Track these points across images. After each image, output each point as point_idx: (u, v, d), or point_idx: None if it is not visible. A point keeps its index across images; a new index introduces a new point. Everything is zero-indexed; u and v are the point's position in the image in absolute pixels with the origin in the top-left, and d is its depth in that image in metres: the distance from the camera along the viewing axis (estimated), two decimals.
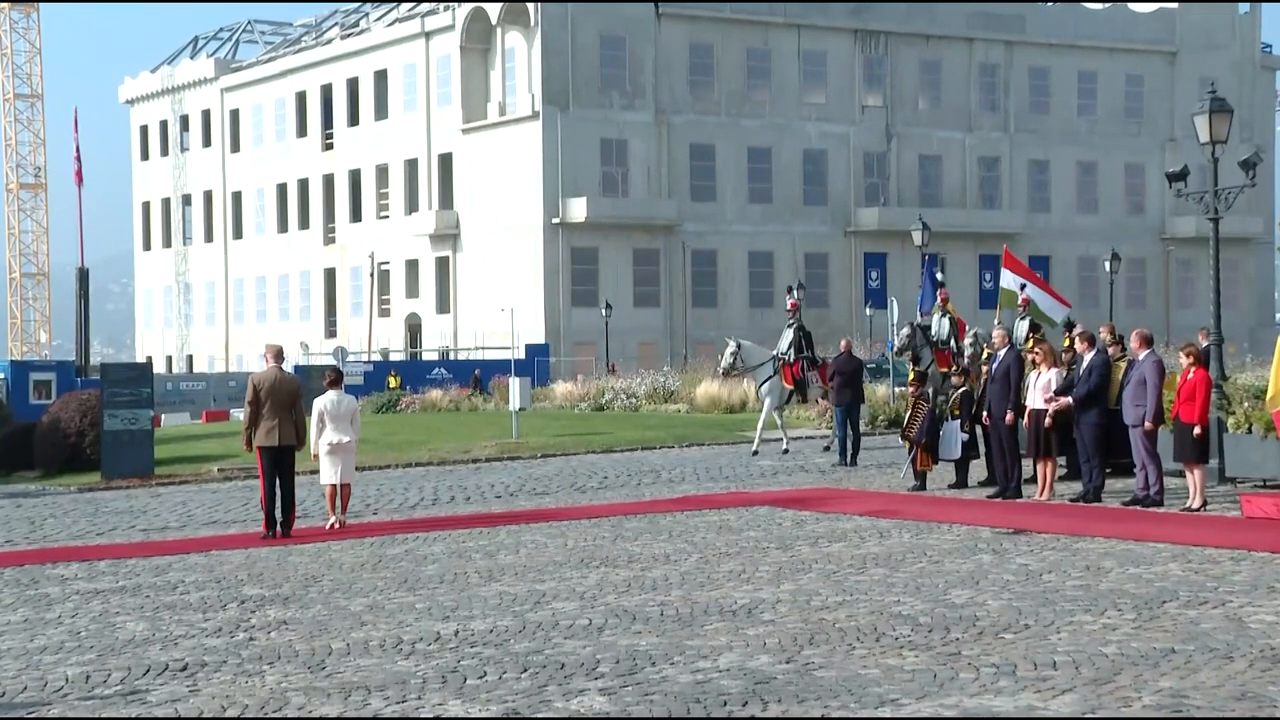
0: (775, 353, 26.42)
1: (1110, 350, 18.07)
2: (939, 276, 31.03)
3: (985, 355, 19.24)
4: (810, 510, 17.23)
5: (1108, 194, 79.15)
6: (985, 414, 18.63)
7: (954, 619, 10.25)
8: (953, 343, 26.96)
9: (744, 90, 71.47)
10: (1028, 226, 76.08)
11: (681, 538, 15.13)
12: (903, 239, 58.43)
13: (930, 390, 25.86)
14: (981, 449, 19.56)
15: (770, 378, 25.88)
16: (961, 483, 19.55)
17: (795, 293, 28.34)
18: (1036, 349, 18.23)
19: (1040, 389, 17.69)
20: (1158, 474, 16.82)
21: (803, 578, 12.26)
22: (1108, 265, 58.75)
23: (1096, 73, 78.73)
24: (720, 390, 38.16)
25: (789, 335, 26.58)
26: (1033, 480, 18.25)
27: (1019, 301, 28.05)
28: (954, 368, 20.93)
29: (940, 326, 27.52)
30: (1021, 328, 27.19)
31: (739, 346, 26.00)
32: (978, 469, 19.81)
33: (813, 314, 59.61)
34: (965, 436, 19.32)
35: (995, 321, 28.26)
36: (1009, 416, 18.01)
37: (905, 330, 26.80)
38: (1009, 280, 29.39)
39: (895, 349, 27.54)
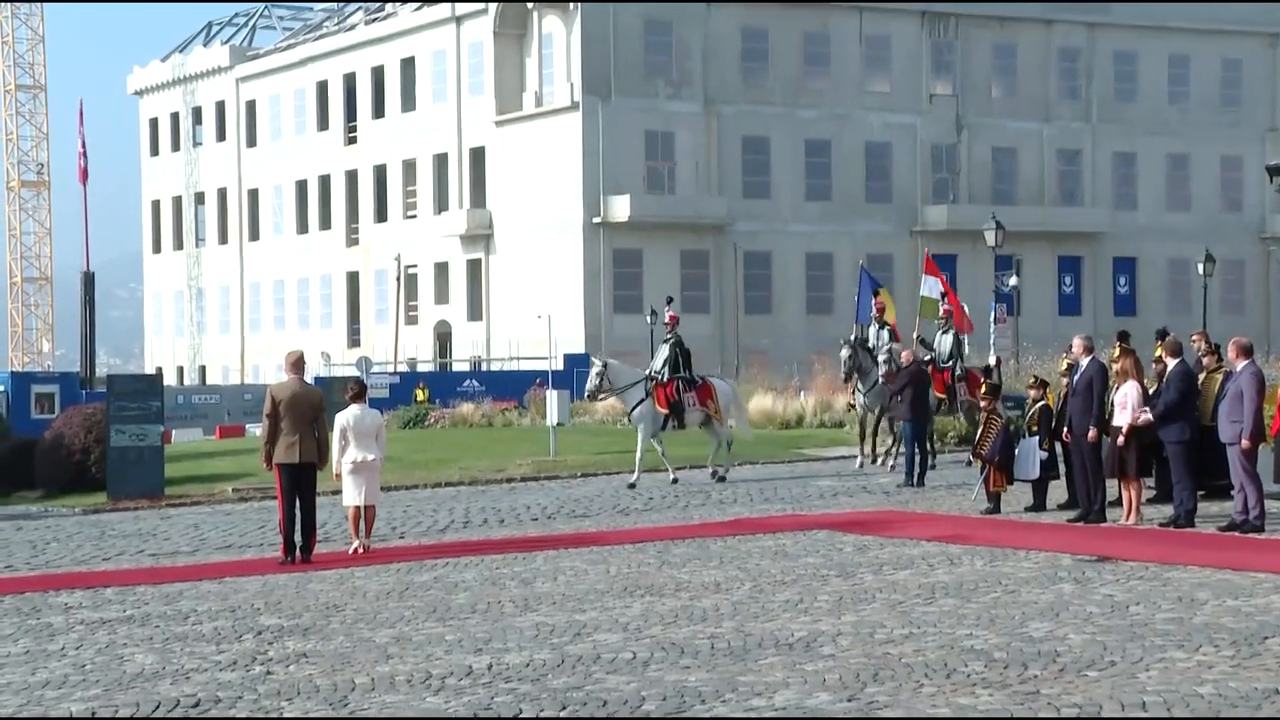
0: (647, 372, 25.40)
1: (1205, 360, 17.93)
2: (878, 284, 30.58)
3: (1066, 366, 19.12)
4: (874, 535, 17.17)
5: (1201, 189, 78.52)
6: (1066, 430, 18.52)
7: (1032, 654, 10.18)
8: (954, 363, 26.61)
9: (800, 78, 71.37)
10: (1112, 225, 75.60)
11: (733, 564, 15.10)
12: (974, 239, 58.16)
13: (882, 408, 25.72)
14: (1062, 468, 19.44)
15: (641, 401, 24.76)
16: (1039, 505, 19.44)
17: (672, 304, 27.32)
18: (1117, 360, 18.11)
19: (1120, 404, 17.58)
20: (1257, 496, 16.66)
21: (865, 608, 12.22)
22: (1201, 268, 58.25)
23: (1189, 57, 78.16)
24: (775, 404, 38.13)
25: (664, 352, 25.38)
26: (1118, 503, 18.12)
27: (940, 313, 27.75)
28: (982, 388, 20.82)
29: (880, 339, 27.16)
30: (945, 342, 27.00)
31: (605, 366, 25.02)
32: (1057, 490, 19.69)
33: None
34: (1044, 455, 19.21)
35: (915, 336, 28.20)
36: (1091, 433, 17.89)
37: (845, 352, 26.58)
38: (930, 288, 29.14)
39: (842, 374, 27.36)
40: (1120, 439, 17.34)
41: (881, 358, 26.49)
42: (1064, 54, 76.17)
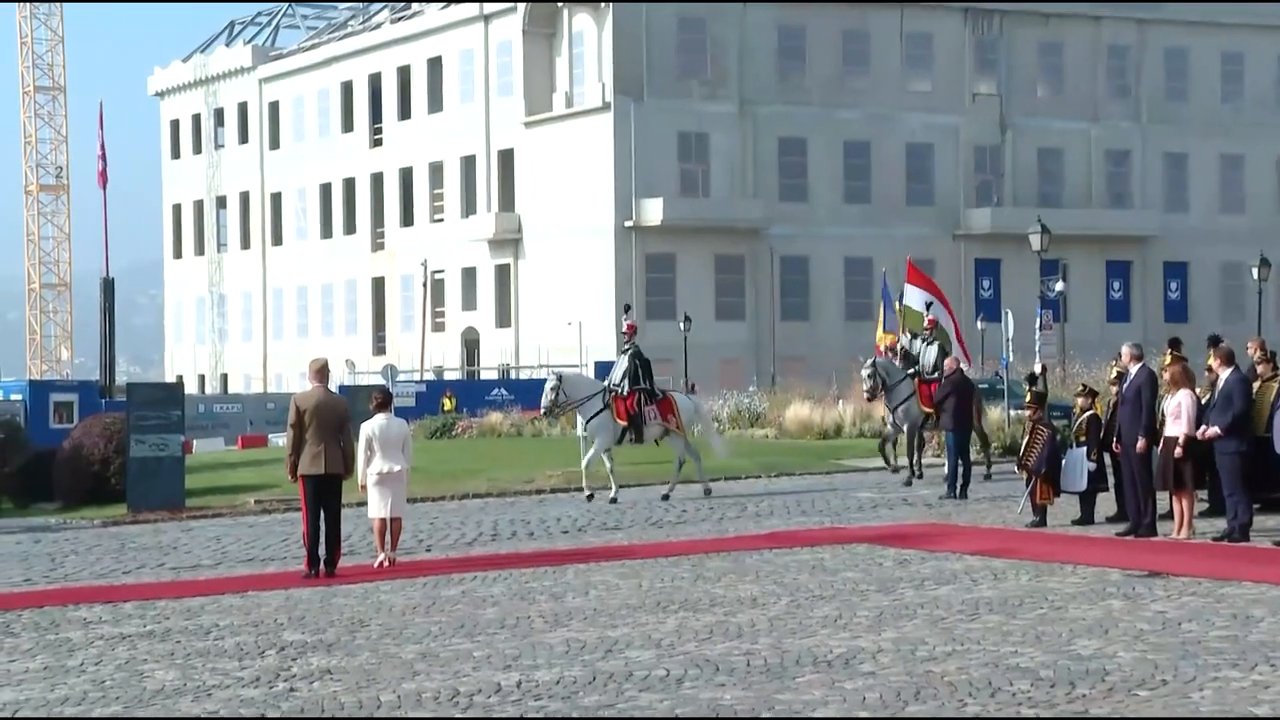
0: (606, 384, 25.17)
1: (1260, 368, 17.81)
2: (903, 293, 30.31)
3: (1115, 374, 19.04)
4: (915, 548, 17.13)
5: (1255, 191, 78.11)
6: (1115, 440, 18.43)
7: (1080, 673, 10.14)
8: (940, 375, 26.27)
9: (839, 77, 71.33)
10: (1163, 229, 75.25)
11: (770, 579, 15.09)
12: (1018, 243, 57.87)
13: (913, 424, 25.48)
14: (1110, 480, 19.36)
15: (599, 413, 24.41)
16: (1087, 518, 19.36)
17: (630, 313, 26.88)
18: (1168, 368, 18.02)
19: (1172, 414, 17.48)
20: None
21: (907, 624, 12.20)
22: (1255, 272, 57.95)
23: (1243, 54, 77.79)
24: (813, 413, 38.05)
25: (623, 364, 25.24)
26: (1169, 516, 18.02)
27: (925, 323, 27.44)
28: (1026, 396, 20.70)
29: (921, 352, 26.88)
30: (929, 353, 26.76)
31: (560, 380, 24.76)
32: (1106, 503, 19.60)
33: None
34: (1092, 466, 19.13)
35: (884, 346, 27.88)
36: (1140, 444, 17.81)
37: (866, 371, 26.40)
38: (914, 298, 28.72)
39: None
40: (1177, 450, 17.24)
41: (865, 371, 26.30)
42: (1113, 51, 75.90)
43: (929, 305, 27.90)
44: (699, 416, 26.16)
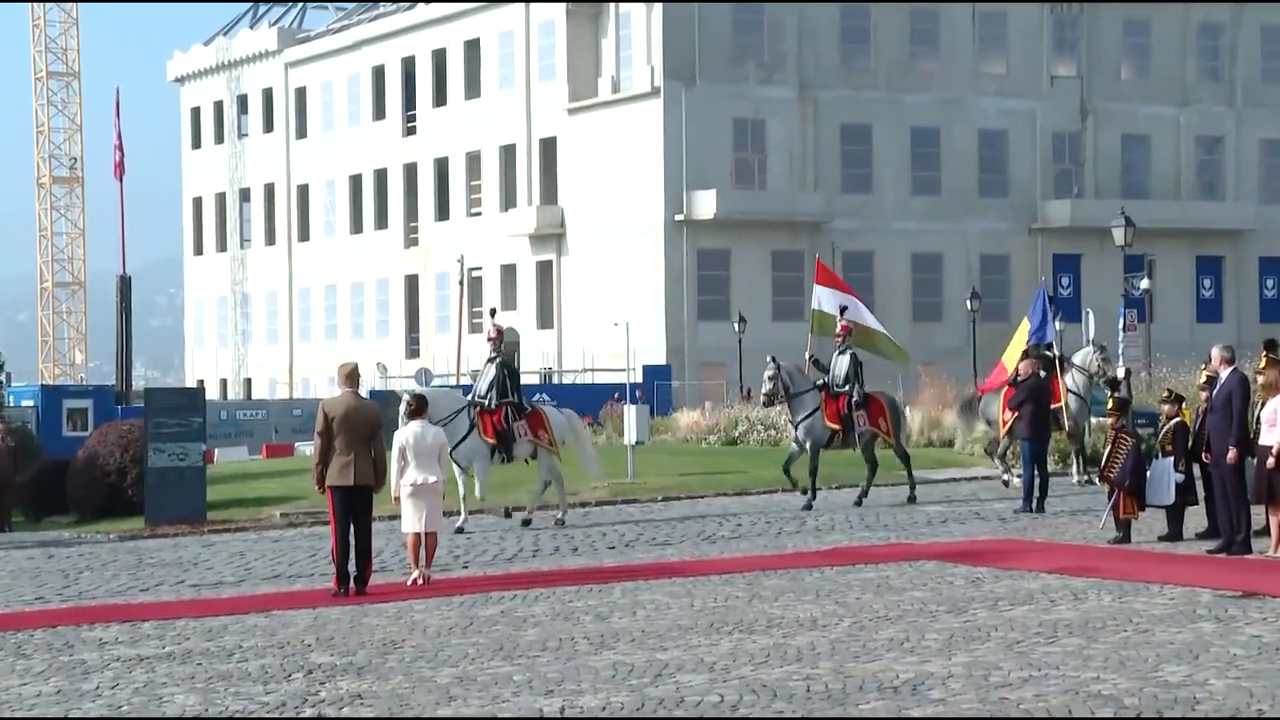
0: (470, 398, 23.96)
1: None
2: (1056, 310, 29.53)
3: (1204, 378, 18.93)
4: (988, 566, 17.08)
5: None
6: (1204, 450, 18.33)
7: (1168, 701, 10.09)
8: (852, 388, 25.35)
9: (906, 60, 71.14)
10: (1258, 222, 74.72)
11: (831, 598, 15.08)
12: (1100, 238, 57.65)
13: (815, 442, 24.81)
14: (1200, 493, 19.24)
15: (466, 436, 23.21)
16: (1175, 534, 19.26)
17: (496, 317, 25.37)
18: (1263, 372, 17.89)
19: (1267, 421, 17.37)
20: None
21: (979, 648, 12.17)
22: None
23: None
24: None
25: (489, 374, 23.91)
26: (1265, 532, 17.92)
27: (838, 329, 26.10)
28: (1109, 402, 20.47)
29: (836, 361, 25.75)
30: (841, 364, 25.57)
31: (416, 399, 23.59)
32: (1195, 518, 19.49)
33: (989, 329, 59.18)
34: (1180, 478, 19.03)
35: (808, 357, 26.87)
36: (1231, 454, 17.69)
37: (768, 373, 25.63)
38: (825, 300, 27.17)
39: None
40: (1271, 460, 17.12)
41: (767, 373, 25.48)
42: (1204, 30, 75.39)
43: (843, 310, 26.57)
44: (572, 431, 25.14)
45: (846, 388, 25.46)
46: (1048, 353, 26.69)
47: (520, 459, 24.28)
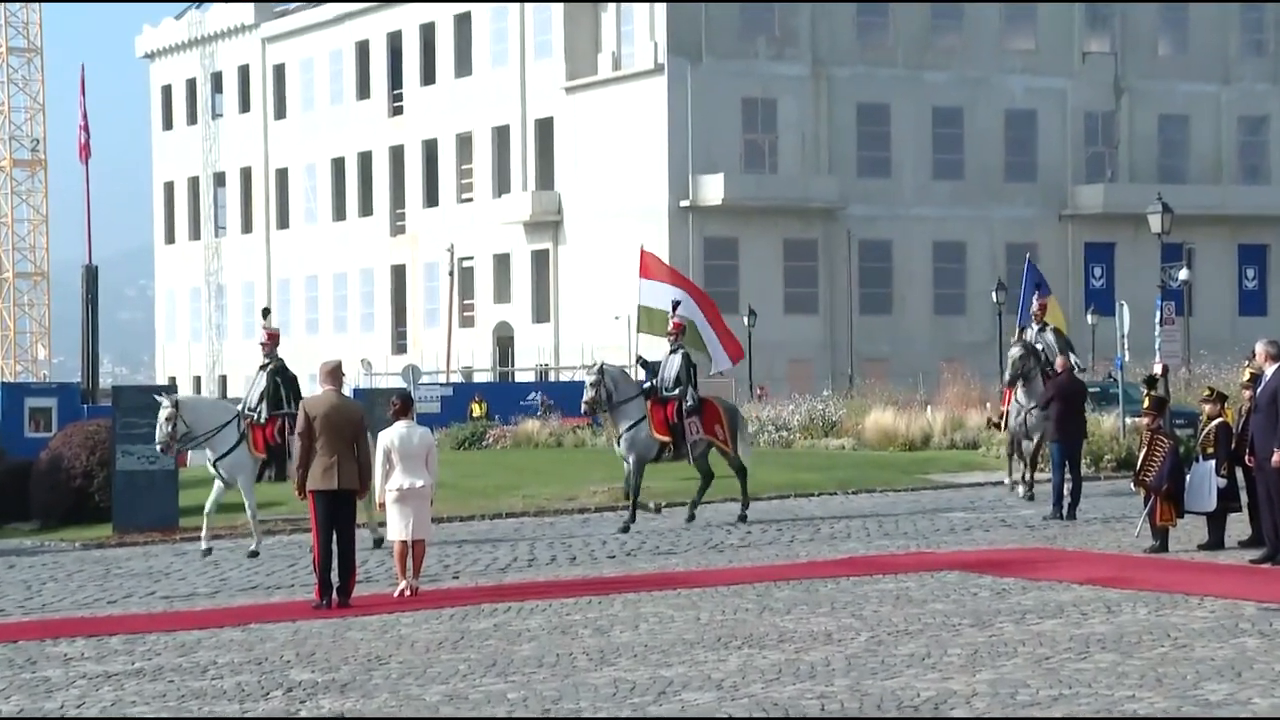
0: (240, 409, 22.98)
1: None
2: (1047, 288, 29.64)
3: (1248, 375, 18.92)
4: (1015, 576, 17.09)
5: None
6: (1248, 453, 18.32)
7: None
8: (684, 391, 24.59)
9: (927, 34, 71.17)
10: None
11: (847, 610, 15.10)
12: (1135, 225, 57.70)
13: (640, 456, 23.75)
14: (1244, 499, 19.24)
15: (234, 448, 22.41)
16: (1216, 543, 19.27)
17: (268, 318, 24.07)
18: None
19: None
20: None
21: (1005, 664, 12.18)
22: None
23: None
24: (896, 421, 37.97)
25: (260, 384, 22.80)
26: None
27: (670, 327, 24.95)
28: (1145, 402, 20.39)
29: (667, 362, 24.45)
30: (673, 364, 24.30)
31: (177, 407, 22.20)
32: (1238, 525, 19.49)
33: (1015, 323, 59.06)
34: (1221, 482, 19.02)
35: (635, 358, 26.04)
36: (1277, 456, 17.69)
37: (1015, 351, 25.74)
38: (653, 295, 26.35)
39: (1005, 378, 26.41)
40: None
41: (590, 378, 24.16)
42: (1246, 3, 75.32)
43: (676, 305, 25.77)
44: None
45: (676, 392, 24.11)
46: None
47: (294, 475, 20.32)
